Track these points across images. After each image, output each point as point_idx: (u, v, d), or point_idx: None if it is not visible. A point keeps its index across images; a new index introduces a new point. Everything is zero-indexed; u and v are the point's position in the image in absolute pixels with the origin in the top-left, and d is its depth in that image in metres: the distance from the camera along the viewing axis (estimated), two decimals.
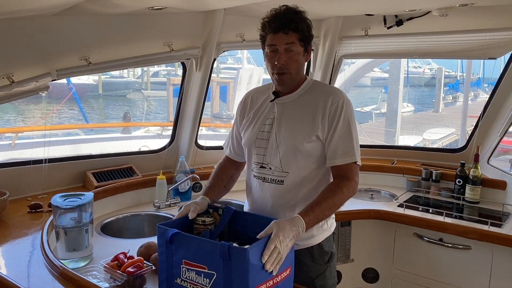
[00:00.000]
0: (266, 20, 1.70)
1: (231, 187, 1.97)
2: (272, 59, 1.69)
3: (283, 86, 1.75)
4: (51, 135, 5.36)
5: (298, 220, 1.50)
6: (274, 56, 1.68)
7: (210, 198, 1.75)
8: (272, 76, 1.74)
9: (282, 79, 1.71)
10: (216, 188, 1.87)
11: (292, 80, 1.73)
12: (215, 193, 1.84)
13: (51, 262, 1.66)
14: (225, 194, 1.92)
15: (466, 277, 2.54)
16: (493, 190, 2.90)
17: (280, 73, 1.69)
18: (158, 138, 7.29)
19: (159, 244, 1.54)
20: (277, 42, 1.67)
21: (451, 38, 3.00)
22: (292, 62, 1.69)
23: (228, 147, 1.99)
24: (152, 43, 2.59)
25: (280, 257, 1.40)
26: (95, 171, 2.66)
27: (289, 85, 1.74)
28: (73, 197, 1.89)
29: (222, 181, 1.91)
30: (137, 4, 2.19)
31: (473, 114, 10.56)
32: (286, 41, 1.66)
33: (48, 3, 1.81)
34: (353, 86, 11.69)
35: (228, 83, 15.11)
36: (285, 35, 1.65)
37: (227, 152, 2.00)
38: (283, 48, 1.67)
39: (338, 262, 2.77)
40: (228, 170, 1.97)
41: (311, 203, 1.61)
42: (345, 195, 1.66)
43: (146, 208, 2.64)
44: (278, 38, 1.66)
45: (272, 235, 1.41)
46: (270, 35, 1.68)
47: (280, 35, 1.66)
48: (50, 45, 2.22)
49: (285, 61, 1.67)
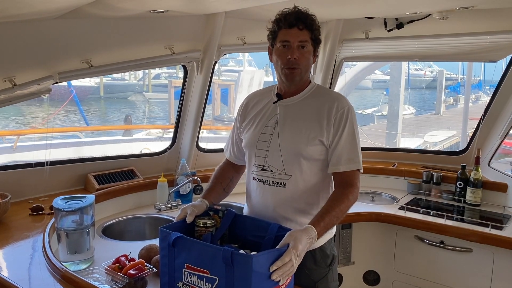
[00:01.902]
0: (280, 16, 1.71)
1: (231, 190, 1.96)
2: (284, 54, 1.69)
3: (291, 82, 1.73)
4: (53, 137, 5.38)
5: (311, 231, 1.49)
6: (286, 51, 1.69)
7: (208, 201, 1.75)
8: (281, 71, 1.73)
9: (292, 74, 1.70)
10: (215, 191, 1.87)
11: (300, 78, 1.73)
12: (214, 196, 1.84)
13: (52, 264, 1.67)
14: (225, 197, 1.92)
15: (467, 280, 2.54)
16: (494, 193, 2.90)
17: (291, 68, 1.69)
18: (160, 141, 7.30)
19: (161, 247, 1.54)
20: (290, 37, 1.68)
21: (451, 41, 3.00)
22: (303, 59, 1.70)
23: (228, 150, 1.99)
24: (154, 46, 2.59)
25: (292, 270, 1.40)
26: (96, 174, 2.67)
27: (297, 82, 1.74)
28: (75, 200, 1.90)
29: (221, 184, 1.91)
30: (138, 8, 2.19)
31: (474, 116, 10.56)
32: (300, 38, 1.67)
33: (50, 6, 1.82)
34: (354, 88, 11.69)
35: (229, 85, 15.14)
36: (299, 31, 1.67)
37: (227, 155, 2.00)
38: (296, 45, 1.68)
39: (339, 265, 2.77)
40: (228, 173, 1.96)
41: (320, 212, 1.61)
42: (351, 202, 1.67)
43: (147, 211, 2.64)
44: (292, 34, 1.68)
45: (290, 247, 1.40)
46: (284, 30, 1.69)
47: (294, 30, 1.67)
48: (52, 48, 2.23)
49: (297, 56, 1.68)
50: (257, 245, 1.59)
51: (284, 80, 1.74)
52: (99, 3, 1.87)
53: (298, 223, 1.72)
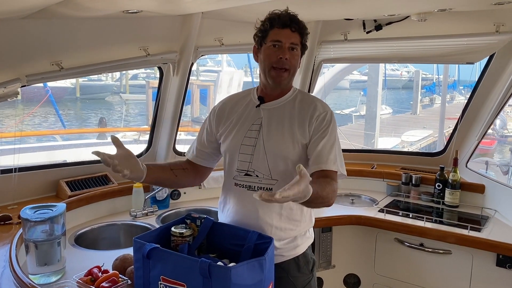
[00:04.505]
0: (272, 15, 1.67)
1: (180, 178, 1.83)
2: (274, 53, 1.65)
3: (278, 85, 1.69)
4: (24, 141, 5.18)
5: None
6: (277, 51, 1.65)
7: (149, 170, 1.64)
8: (268, 72, 1.67)
9: (281, 76, 1.66)
10: (160, 167, 1.79)
11: (288, 81, 1.70)
12: (157, 169, 1.74)
13: (19, 279, 1.58)
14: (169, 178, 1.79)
15: (447, 282, 2.55)
16: (471, 194, 2.93)
17: (281, 68, 1.65)
18: (136, 143, 7.16)
19: (135, 259, 1.49)
20: (283, 38, 1.64)
21: (429, 43, 3.02)
22: (293, 61, 1.67)
23: (191, 151, 1.89)
24: (128, 47, 2.51)
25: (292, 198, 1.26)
26: (68, 180, 2.57)
27: (284, 84, 1.70)
28: (44, 209, 1.81)
29: (169, 165, 1.82)
30: (111, 8, 2.11)
31: (450, 116, 10.78)
32: (292, 40, 1.65)
33: (15, 6, 1.73)
34: (333, 89, 11.76)
35: (208, 86, 15.04)
36: (292, 33, 1.65)
37: (190, 156, 1.88)
38: (288, 46, 1.65)
39: (319, 269, 2.74)
40: (182, 163, 1.87)
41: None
42: (335, 192, 1.56)
43: (122, 218, 2.56)
44: (284, 34, 1.64)
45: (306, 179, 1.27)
46: (276, 30, 1.65)
47: (287, 31, 1.64)
48: (19, 49, 2.12)
49: (288, 57, 1.65)
50: (237, 254, 1.55)
51: (270, 82, 1.69)
52: (69, 3, 1.79)
53: (283, 229, 1.68)
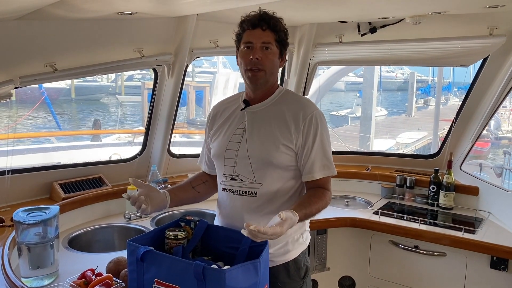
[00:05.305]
0: (244, 17, 1.67)
1: (203, 192, 1.87)
2: (246, 55, 1.65)
3: (255, 85, 1.68)
4: (19, 143, 5.14)
5: (295, 215, 1.47)
6: (249, 52, 1.64)
7: (171, 194, 1.69)
8: (245, 74, 1.68)
9: (255, 76, 1.65)
10: (182, 186, 1.82)
11: (265, 80, 1.67)
12: (179, 190, 1.78)
13: (11, 282, 1.56)
14: (195, 197, 1.84)
15: (441, 284, 2.55)
16: (466, 196, 2.93)
17: (254, 69, 1.64)
18: (130, 146, 7.12)
19: (129, 262, 1.48)
20: (253, 38, 1.64)
21: (424, 46, 3.03)
22: (267, 60, 1.64)
23: (203, 162, 1.93)
24: (122, 49, 2.50)
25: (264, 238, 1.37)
26: (62, 182, 2.55)
27: (262, 85, 1.68)
28: (37, 211, 1.80)
29: (190, 183, 1.85)
30: (105, 9, 2.10)
31: (444, 117, 10.81)
32: (263, 39, 1.63)
33: (8, 7, 1.71)
34: (328, 91, 11.79)
35: (204, 87, 15.03)
36: (262, 32, 1.63)
37: (203, 168, 1.94)
38: (259, 46, 1.63)
39: (314, 271, 2.74)
40: (202, 177, 1.91)
41: (300, 201, 1.59)
42: (326, 202, 1.66)
43: (116, 220, 2.55)
44: (255, 35, 1.64)
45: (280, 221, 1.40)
46: (247, 32, 1.65)
47: (257, 31, 1.63)
48: (13, 51, 2.11)
49: (260, 57, 1.63)
50: (231, 257, 1.55)
51: (248, 83, 1.69)
52: (63, 4, 1.78)
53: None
